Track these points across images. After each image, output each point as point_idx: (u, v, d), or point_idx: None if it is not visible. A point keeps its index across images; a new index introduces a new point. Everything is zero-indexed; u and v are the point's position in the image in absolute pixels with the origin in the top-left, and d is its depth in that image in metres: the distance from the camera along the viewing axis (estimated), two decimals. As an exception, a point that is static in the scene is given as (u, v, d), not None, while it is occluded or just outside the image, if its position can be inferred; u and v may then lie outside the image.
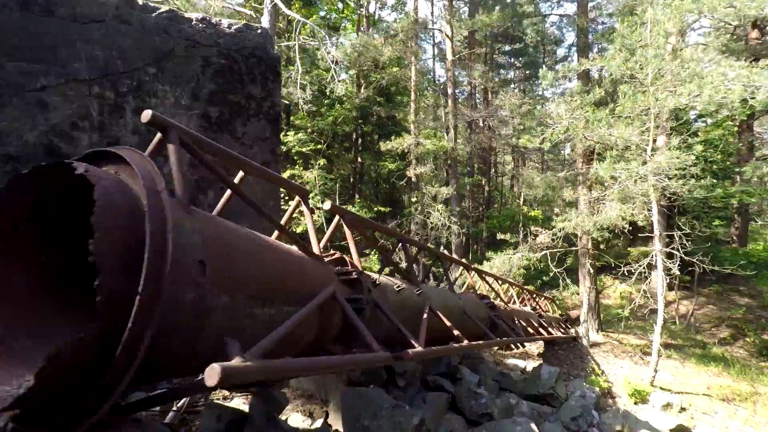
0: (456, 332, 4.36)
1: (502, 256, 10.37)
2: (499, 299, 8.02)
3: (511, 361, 9.81)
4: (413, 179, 14.29)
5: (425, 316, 4.12)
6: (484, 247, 22.58)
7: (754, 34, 18.55)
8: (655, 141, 9.35)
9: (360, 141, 17.94)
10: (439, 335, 4.88)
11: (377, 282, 3.70)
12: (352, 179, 17.46)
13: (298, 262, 2.78)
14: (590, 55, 9.76)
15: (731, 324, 16.88)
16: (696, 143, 8.72)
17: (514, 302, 9.67)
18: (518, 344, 7.08)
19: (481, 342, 4.63)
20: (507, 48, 31.16)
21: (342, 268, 3.42)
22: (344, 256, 3.54)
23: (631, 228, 11.59)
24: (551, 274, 20.15)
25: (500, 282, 9.70)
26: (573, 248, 11.49)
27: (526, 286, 13.00)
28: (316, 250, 3.17)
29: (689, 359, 13.20)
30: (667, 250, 8.98)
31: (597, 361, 11.14)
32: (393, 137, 12.77)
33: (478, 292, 7.29)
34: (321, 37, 9.93)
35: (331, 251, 3.55)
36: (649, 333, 15.16)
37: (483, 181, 24.90)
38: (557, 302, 14.93)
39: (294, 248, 2.91)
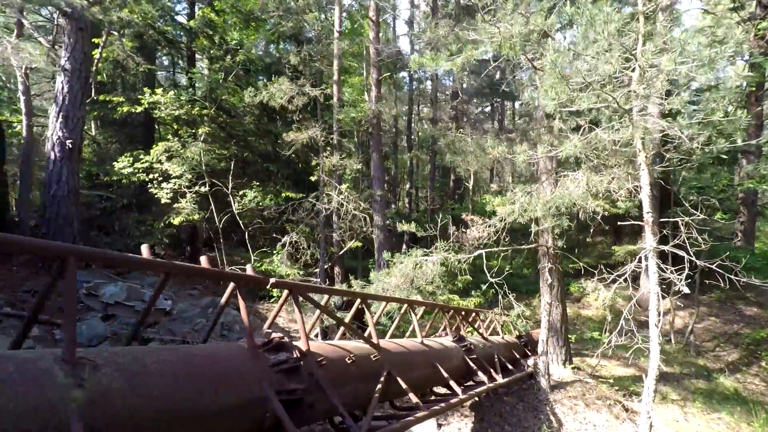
0: None
1: (409, 260, 6.56)
2: (370, 340, 4.19)
3: (416, 425, 6.07)
4: (323, 152, 10.44)
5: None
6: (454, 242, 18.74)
7: None
8: (644, 71, 5.62)
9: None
10: None
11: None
12: (256, 157, 13.53)
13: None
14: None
15: (739, 342, 13.32)
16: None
17: (420, 335, 5.84)
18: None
19: None
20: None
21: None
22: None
23: (616, 222, 7.93)
24: (521, 277, 16.38)
25: (399, 304, 5.93)
26: (524, 246, 7.77)
27: (462, 305, 9.25)
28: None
29: (692, 401, 9.56)
30: (666, 248, 5.23)
31: (558, 415, 7.46)
32: (259, 86, 8.78)
33: (279, 339, 3.47)
34: None
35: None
36: (636, 357, 11.49)
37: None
38: (519, 317, 11.18)
39: None
